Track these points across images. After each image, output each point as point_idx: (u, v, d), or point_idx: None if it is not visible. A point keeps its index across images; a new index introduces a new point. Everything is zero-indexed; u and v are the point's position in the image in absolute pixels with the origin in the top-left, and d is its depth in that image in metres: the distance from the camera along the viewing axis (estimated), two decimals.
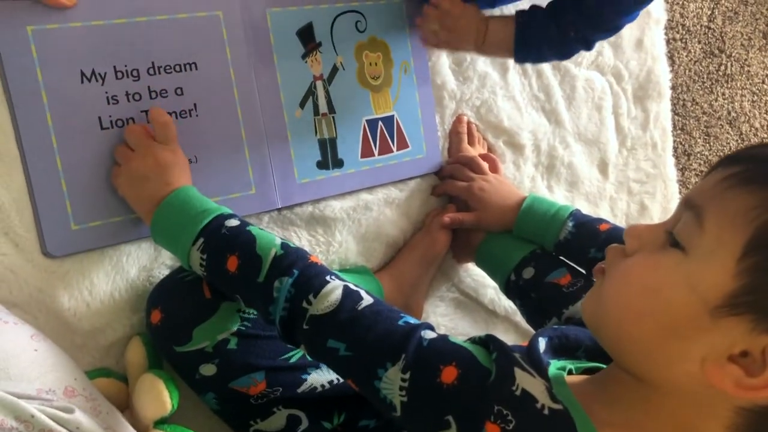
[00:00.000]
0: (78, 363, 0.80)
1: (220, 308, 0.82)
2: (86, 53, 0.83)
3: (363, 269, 1.07)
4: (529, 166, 1.26)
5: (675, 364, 0.55)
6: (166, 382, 0.81)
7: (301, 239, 1.01)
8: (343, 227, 1.05)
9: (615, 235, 0.99)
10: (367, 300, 0.69)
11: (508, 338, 1.25)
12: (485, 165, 1.12)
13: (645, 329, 0.56)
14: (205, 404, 0.85)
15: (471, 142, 1.17)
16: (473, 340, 0.66)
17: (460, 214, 1.10)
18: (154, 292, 0.85)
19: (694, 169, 1.63)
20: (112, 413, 0.76)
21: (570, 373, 0.67)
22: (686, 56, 1.57)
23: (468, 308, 1.22)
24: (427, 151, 1.14)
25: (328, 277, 0.71)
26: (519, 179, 1.24)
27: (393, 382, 0.62)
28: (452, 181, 1.12)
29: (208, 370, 0.81)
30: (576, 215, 1.03)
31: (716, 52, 1.63)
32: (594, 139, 1.35)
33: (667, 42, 1.50)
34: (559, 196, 1.30)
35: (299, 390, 0.84)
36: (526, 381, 0.58)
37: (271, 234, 0.77)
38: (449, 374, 0.60)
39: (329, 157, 1.03)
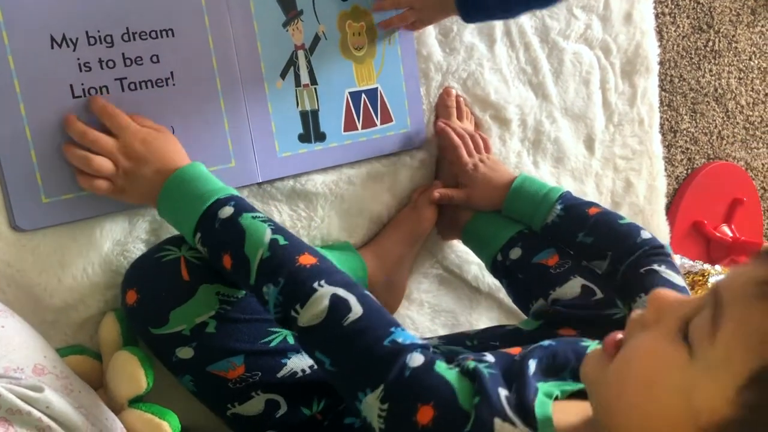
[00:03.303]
0: (49, 340, 0.78)
1: (199, 290, 0.79)
2: (56, 17, 0.79)
3: (346, 245, 1.05)
4: (515, 141, 1.24)
5: None
6: (141, 359, 0.80)
7: (282, 214, 0.99)
8: (325, 202, 1.03)
9: (603, 219, 0.97)
10: (355, 313, 0.66)
11: (492, 316, 1.24)
12: (481, 143, 1.10)
13: (632, 421, 0.52)
14: (182, 386, 0.83)
15: (459, 117, 1.14)
16: (463, 369, 0.62)
17: (449, 189, 1.08)
18: (131, 272, 0.82)
19: (680, 146, 1.62)
20: (85, 391, 0.74)
21: (557, 398, 0.64)
22: (675, 31, 1.55)
23: (452, 285, 1.20)
24: (412, 125, 1.11)
25: (316, 284, 0.69)
26: (505, 154, 1.22)
27: (372, 408, 0.61)
28: (461, 153, 1.08)
29: (185, 353, 0.79)
30: (565, 198, 1.01)
31: (704, 27, 1.61)
32: (581, 115, 1.33)
33: (656, 16, 1.48)
34: (545, 173, 1.29)
35: (279, 375, 0.82)
36: None
37: (262, 226, 0.74)
38: (425, 414, 0.58)
39: (311, 130, 1.01)
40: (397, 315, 1.13)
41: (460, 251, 1.19)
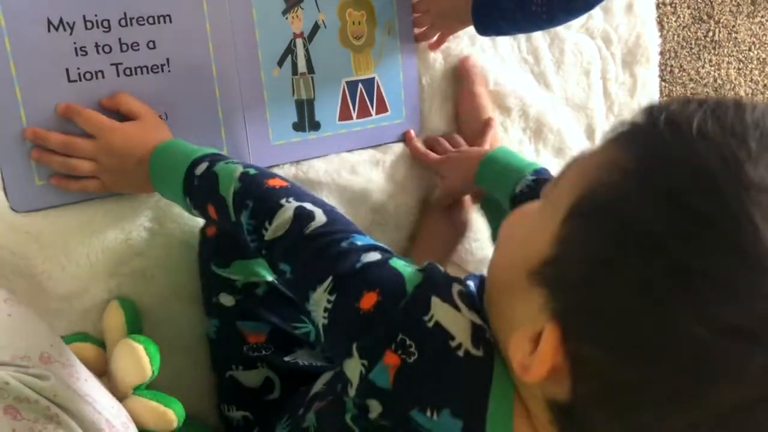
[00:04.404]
0: (54, 328, 0.78)
1: None
2: (53, 0, 0.79)
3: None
4: (516, 130, 1.23)
5: (505, 326, 0.49)
6: (146, 347, 0.79)
7: None
8: (329, 192, 1.02)
9: None
10: (318, 221, 0.63)
11: None
12: (461, 141, 1.10)
13: (490, 276, 0.51)
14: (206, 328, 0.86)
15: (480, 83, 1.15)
16: (420, 267, 0.59)
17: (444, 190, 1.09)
18: None
19: None
20: (91, 380, 0.74)
21: None
22: (675, 21, 1.55)
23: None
24: (407, 116, 1.10)
25: (283, 200, 0.66)
26: (506, 143, 1.21)
27: (319, 304, 0.58)
28: (426, 153, 1.09)
29: (227, 300, 0.82)
30: (540, 171, 0.92)
31: (705, 17, 1.61)
32: (582, 105, 1.32)
33: (657, 6, 1.47)
34: (546, 162, 1.28)
35: (285, 358, 0.83)
36: (444, 313, 0.51)
37: (234, 166, 0.72)
38: (368, 300, 0.54)
39: (306, 119, 1.00)
40: None
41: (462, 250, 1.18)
